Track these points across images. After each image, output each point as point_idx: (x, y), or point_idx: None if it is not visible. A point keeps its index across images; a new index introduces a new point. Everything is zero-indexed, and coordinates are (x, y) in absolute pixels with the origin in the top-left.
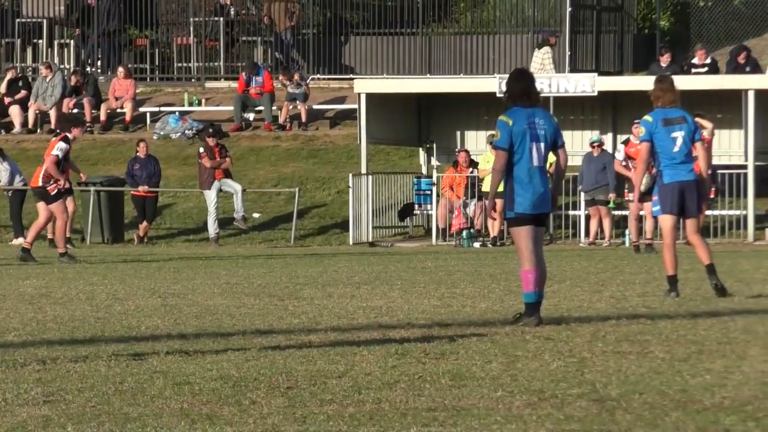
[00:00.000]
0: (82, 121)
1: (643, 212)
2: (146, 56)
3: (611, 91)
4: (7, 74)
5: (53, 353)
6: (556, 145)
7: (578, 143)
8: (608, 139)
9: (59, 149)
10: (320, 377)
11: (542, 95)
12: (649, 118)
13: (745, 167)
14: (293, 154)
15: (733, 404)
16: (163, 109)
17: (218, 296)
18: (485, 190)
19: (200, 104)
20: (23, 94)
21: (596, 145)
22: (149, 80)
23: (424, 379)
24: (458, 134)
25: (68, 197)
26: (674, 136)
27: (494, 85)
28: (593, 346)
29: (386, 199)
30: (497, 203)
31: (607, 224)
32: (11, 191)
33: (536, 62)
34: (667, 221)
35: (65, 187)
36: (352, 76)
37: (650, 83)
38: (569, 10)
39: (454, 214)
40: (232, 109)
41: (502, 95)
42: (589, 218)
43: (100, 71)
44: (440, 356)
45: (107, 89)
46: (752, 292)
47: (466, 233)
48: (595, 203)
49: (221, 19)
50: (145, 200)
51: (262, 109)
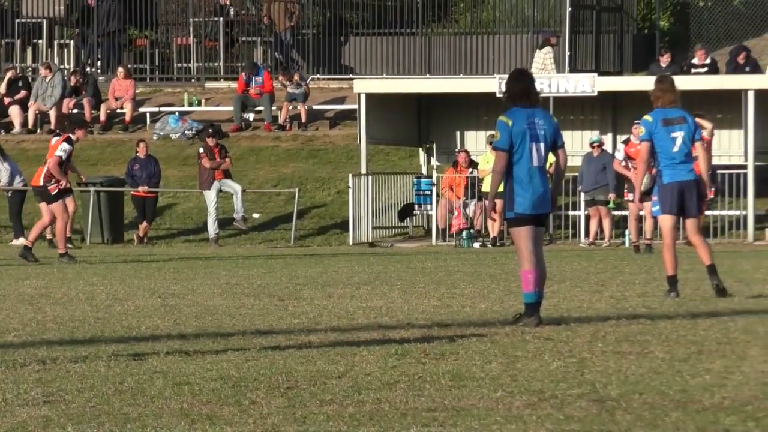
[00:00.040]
0: (85, 122)
1: (642, 212)
2: (146, 56)
3: (611, 91)
4: (7, 74)
5: (53, 353)
6: (555, 145)
7: (578, 143)
8: (608, 139)
9: (63, 150)
10: (320, 377)
11: (542, 95)
12: (649, 118)
13: (744, 167)
14: (293, 154)
15: (733, 404)
16: (162, 109)
17: (218, 296)
18: (485, 190)
19: (200, 104)
20: (23, 94)
21: (596, 145)
22: (149, 80)
23: (424, 379)
24: (458, 134)
25: (68, 197)
26: (674, 136)
27: (494, 85)
28: (593, 346)
29: (386, 199)
30: (497, 204)
31: (606, 224)
32: (11, 191)
33: (537, 63)
34: (666, 221)
35: (65, 187)
36: (351, 76)
37: (650, 83)
38: (569, 10)
39: (453, 214)
40: (231, 109)
41: (501, 95)
42: (588, 218)
43: (99, 71)
44: (440, 356)
45: (107, 89)
46: (752, 292)
47: (465, 233)
48: (594, 203)
49: (221, 19)
50: (144, 200)
51: (261, 109)
